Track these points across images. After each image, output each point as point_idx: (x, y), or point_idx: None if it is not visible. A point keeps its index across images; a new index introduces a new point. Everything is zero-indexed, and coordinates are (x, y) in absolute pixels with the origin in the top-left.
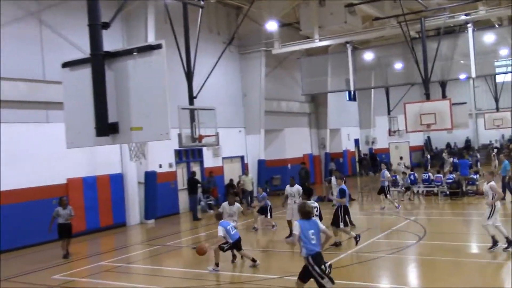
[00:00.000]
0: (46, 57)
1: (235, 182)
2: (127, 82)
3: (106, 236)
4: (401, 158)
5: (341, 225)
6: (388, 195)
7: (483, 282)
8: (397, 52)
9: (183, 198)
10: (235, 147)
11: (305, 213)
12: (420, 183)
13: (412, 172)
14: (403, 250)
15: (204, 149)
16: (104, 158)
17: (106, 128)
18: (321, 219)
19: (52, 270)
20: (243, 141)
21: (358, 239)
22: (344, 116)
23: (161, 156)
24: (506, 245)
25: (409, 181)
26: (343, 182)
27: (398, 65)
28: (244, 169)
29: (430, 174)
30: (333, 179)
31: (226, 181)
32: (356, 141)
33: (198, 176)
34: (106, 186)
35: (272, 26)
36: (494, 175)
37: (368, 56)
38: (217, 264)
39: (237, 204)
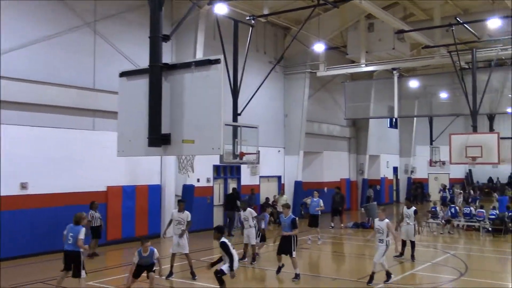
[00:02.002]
0: (97, 66)
1: (270, 201)
2: (183, 94)
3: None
4: (445, 186)
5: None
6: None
7: None
8: (444, 81)
9: (218, 214)
10: (273, 167)
11: (75, 221)
12: (461, 217)
13: (453, 205)
14: (443, 285)
15: (243, 166)
16: (145, 169)
17: (158, 139)
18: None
19: (88, 276)
20: (282, 161)
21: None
22: (384, 143)
23: (200, 171)
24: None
25: (449, 214)
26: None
27: (444, 95)
28: (280, 189)
29: (472, 208)
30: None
31: (262, 200)
32: (395, 169)
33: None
34: (144, 196)
35: (319, 48)
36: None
37: (414, 84)
38: None
39: (186, 212)
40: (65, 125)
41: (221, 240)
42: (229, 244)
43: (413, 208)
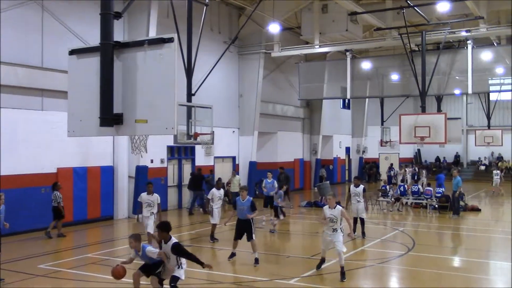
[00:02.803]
0: (46, 44)
1: (223, 182)
2: (135, 73)
3: (93, 228)
4: (392, 164)
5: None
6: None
7: None
8: (395, 63)
9: (172, 195)
10: (228, 147)
11: None
12: (409, 195)
13: (402, 184)
14: (391, 260)
15: (197, 147)
16: (96, 150)
17: (110, 118)
18: None
19: (39, 259)
20: (236, 142)
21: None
22: (337, 123)
23: (153, 152)
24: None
25: (398, 192)
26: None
27: (395, 77)
28: (234, 169)
29: (420, 186)
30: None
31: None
32: (347, 149)
33: (189, 175)
34: (96, 178)
35: (274, 28)
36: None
37: (366, 65)
38: None
39: (155, 195)
40: (12, 105)
41: (174, 241)
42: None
43: (362, 186)
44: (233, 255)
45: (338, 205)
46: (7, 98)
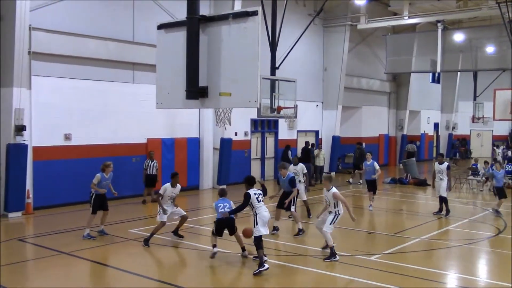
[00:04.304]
0: (136, 19)
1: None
2: (220, 47)
3: (179, 197)
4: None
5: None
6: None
7: None
8: (491, 34)
9: (255, 168)
10: (311, 121)
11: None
12: None
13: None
14: (479, 241)
15: (280, 120)
16: (183, 122)
17: (196, 91)
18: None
19: (130, 224)
20: (320, 116)
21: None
22: (426, 98)
23: (237, 124)
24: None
25: (490, 171)
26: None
27: (490, 49)
28: (318, 143)
29: None
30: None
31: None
32: (436, 125)
33: (272, 148)
34: (183, 149)
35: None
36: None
37: (458, 37)
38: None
39: (178, 185)
40: (105, 77)
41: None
42: (252, 195)
43: (446, 163)
44: (274, 229)
45: (333, 188)
46: (99, 71)
